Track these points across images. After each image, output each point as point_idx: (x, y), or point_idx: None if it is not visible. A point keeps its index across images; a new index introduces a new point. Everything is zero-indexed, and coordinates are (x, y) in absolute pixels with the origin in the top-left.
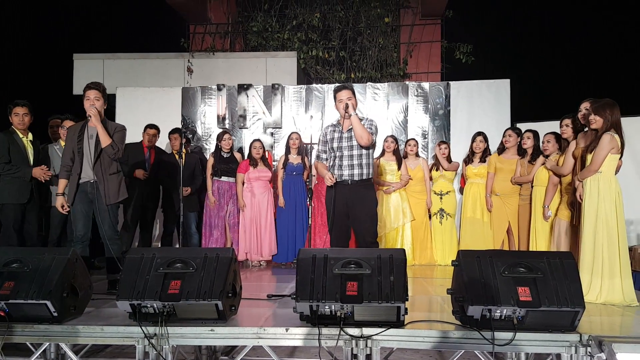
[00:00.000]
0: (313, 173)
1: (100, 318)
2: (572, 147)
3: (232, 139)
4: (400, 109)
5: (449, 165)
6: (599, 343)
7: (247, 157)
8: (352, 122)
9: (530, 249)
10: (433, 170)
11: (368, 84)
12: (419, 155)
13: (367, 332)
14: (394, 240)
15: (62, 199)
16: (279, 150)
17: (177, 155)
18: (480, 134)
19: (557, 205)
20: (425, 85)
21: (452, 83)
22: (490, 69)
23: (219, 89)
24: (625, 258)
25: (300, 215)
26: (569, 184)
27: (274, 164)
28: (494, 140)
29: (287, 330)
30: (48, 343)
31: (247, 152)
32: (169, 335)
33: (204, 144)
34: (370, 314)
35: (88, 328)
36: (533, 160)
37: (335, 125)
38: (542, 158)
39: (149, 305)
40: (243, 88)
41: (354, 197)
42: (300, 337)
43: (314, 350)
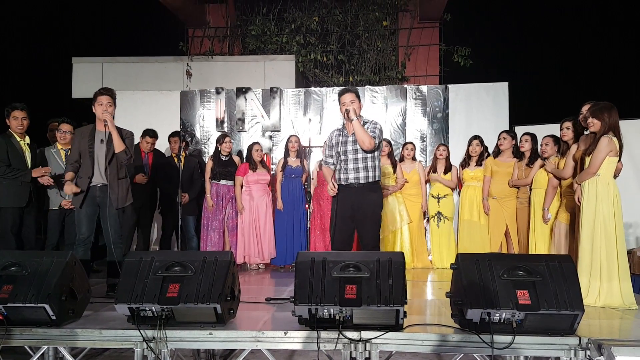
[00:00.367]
0: (312, 176)
1: (99, 321)
2: (573, 150)
3: (232, 143)
4: (399, 112)
5: (444, 180)
6: (598, 346)
7: (245, 160)
8: (353, 127)
9: (530, 252)
10: (431, 173)
11: (366, 87)
12: (416, 159)
13: (366, 335)
14: (392, 243)
15: (71, 185)
16: (278, 154)
17: (176, 159)
18: (477, 138)
19: (557, 208)
20: (424, 89)
21: (450, 86)
22: (489, 72)
23: (218, 93)
24: (624, 261)
25: (299, 218)
26: (569, 187)
27: (273, 167)
28: (493, 144)
29: (285, 334)
30: (46, 346)
31: (245, 155)
32: (168, 339)
33: (203, 147)
34: (369, 318)
35: (86, 331)
36: (531, 163)
37: (341, 130)
38: (540, 161)
39: (148, 309)
40: (242, 91)
41: (361, 199)
42: (299, 340)
43: (313, 354)
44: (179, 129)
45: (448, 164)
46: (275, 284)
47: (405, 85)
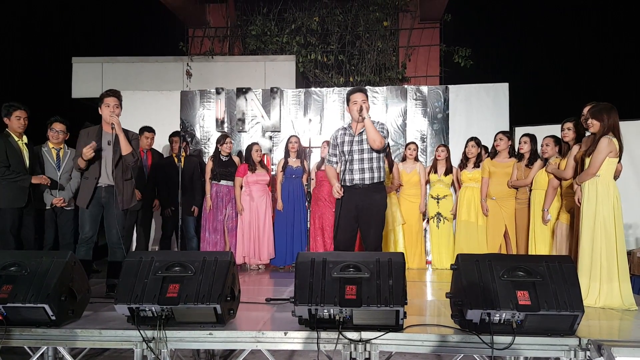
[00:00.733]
0: (312, 176)
1: (99, 322)
2: (574, 150)
3: (232, 143)
4: (399, 113)
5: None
6: (598, 347)
7: (245, 160)
8: (365, 125)
9: (530, 253)
10: (431, 174)
11: (367, 88)
12: (418, 160)
13: (365, 336)
14: (386, 244)
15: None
16: (278, 154)
17: (176, 159)
18: (473, 139)
19: (557, 209)
20: (424, 89)
21: (450, 87)
22: (489, 73)
23: (218, 93)
24: (624, 262)
25: (299, 219)
26: (569, 188)
27: (273, 168)
28: None
29: (285, 334)
30: (46, 347)
31: (244, 155)
32: (167, 339)
33: (203, 148)
34: (369, 318)
35: (86, 332)
36: (530, 164)
37: (347, 129)
38: (540, 161)
39: (147, 309)
40: (242, 92)
41: (366, 200)
42: (299, 341)
43: (313, 354)
44: (179, 129)
45: (449, 165)
46: (275, 285)
47: (406, 86)
